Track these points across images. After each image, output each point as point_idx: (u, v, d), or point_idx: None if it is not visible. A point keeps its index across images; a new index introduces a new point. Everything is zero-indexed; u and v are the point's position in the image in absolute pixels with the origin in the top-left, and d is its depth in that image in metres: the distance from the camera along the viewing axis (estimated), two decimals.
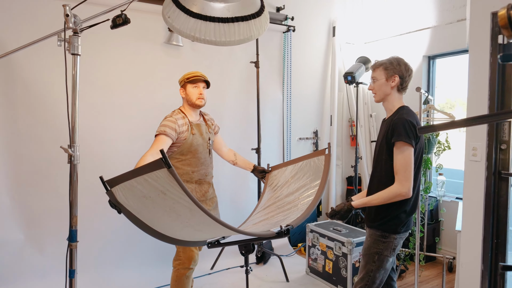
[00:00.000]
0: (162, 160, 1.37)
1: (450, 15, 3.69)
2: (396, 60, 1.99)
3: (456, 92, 4.30)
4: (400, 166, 1.84)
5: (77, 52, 1.63)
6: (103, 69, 3.15)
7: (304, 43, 4.37)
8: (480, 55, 2.27)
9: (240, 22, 1.63)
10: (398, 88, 1.98)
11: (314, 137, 4.52)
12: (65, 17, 1.56)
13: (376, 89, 2.01)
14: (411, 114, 1.91)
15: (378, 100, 2.04)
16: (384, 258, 1.96)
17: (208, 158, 2.48)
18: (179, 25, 1.60)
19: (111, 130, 3.19)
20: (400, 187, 1.83)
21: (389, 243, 1.95)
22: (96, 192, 2.81)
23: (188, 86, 2.42)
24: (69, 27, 1.58)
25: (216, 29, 1.60)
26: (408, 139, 1.82)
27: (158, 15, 3.35)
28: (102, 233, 3.16)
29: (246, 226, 2.59)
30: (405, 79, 1.98)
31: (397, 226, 1.94)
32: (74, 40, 1.62)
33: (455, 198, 3.76)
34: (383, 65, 1.99)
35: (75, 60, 1.64)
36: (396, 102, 1.99)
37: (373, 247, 1.98)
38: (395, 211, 1.93)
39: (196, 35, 1.59)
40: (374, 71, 2.03)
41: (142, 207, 1.64)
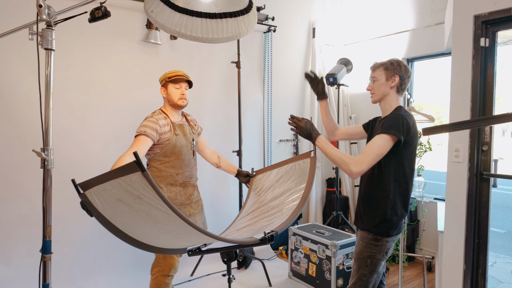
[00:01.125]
0: (136, 163, 1.27)
1: (429, 19, 3.75)
2: (396, 61, 1.99)
3: (426, 95, 4.39)
4: (369, 148, 1.79)
5: (50, 46, 1.51)
6: (76, 68, 2.99)
7: (284, 44, 4.34)
8: (462, 58, 2.30)
9: (229, 19, 1.55)
10: (397, 89, 1.97)
11: (294, 139, 4.50)
12: (37, 8, 1.43)
13: (375, 89, 1.99)
14: (408, 114, 1.91)
15: (376, 100, 2.01)
16: (377, 262, 1.92)
17: (193, 159, 2.40)
18: (163, 20, 1.50)
19: (85, 132, 3.04)
20: (355, 164, 1.75)
21: (382, 246, 1.91)
22: (70, 198, 2.67)
23: (169, 86, 2.32)
24: (42, 19, 1.45)
25: (203, 25, 1.52)
26: (398, 133, 1.78)
27: (136, 11, 3.23)
28: (75, 242, 2.99)
29: (229, 232, 2.52)
30: (404, 80, 1.97)
31: (389, 229, 1.91)
32: (47, 34, 1.50)
33: (433, 198, 3.82)
34: (384, 65, 1.98)
35: (49, 56, 1.51)
36: (393, 103, 1.97)
37: (365, 251, 1.94)
38: (387, 214, 1.90)
39: (182, 31, 1.50)
40: (374, 71, 2.02)
41: (118, 212, 1.54)
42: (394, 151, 1.85)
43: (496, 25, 2.22)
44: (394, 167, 1.88)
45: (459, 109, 2.33)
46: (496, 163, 2.49)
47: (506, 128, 17.79)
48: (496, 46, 2.25)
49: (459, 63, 2.32)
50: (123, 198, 1.45)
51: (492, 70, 2.25)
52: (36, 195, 2.77)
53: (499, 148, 12.33)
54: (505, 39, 2.34)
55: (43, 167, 1.52)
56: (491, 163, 2.30)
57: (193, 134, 2.44)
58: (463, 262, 2.37)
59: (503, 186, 9.38)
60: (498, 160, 9.18)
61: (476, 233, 2.33)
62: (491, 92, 2.25)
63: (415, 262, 3.82)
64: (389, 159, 1.86)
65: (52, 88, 1.54)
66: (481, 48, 2.22)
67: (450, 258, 2.44)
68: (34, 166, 2.74)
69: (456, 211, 2.39)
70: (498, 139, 11.92)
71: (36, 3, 1.43)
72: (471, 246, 2.34)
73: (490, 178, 2.31)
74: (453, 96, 2.37)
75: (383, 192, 1.91)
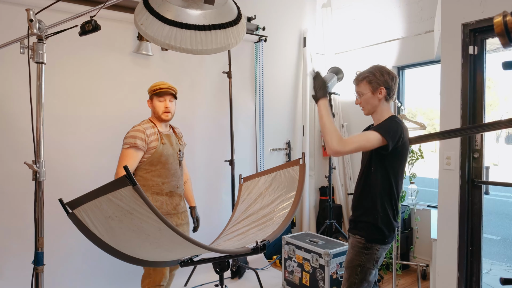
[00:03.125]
0: (126, 177, 1.26)
1: (418, 27, 3.79)
2: (378, 70, 1.91)
3: (417, 102, 4.42)
4: (359, 136, 1.78)
5: (41, 60, 1.51)
6: (68, 80, 2.96)
7: (275, 53, 4.36)
8: (451, 66, 2.31)
9: (218, 30, 1.55)
10: (386, 98, 1.92)
11: (287, 148, 4.49)
12: (28, 23, 1.43)
13: (363, 103, 1.94)
14: (401, 123, 1.89)
15: (367, 113, 1.97)
16: (367, 271, 1.90)
17: (179, 169, 2.39)
18: (152, 33, 1.50)
19: (77, 143, 3.00)
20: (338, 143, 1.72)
21: (372, 254, 1.89)
22: (62, 210, 2.60)
23: (154, 99, 2.33)
24: (33, 33, 1.45)
25: (192, 37, 1.52)
26: (387, 137, 1.75)
27: (127, 24, 3.23)
28: (68, 253, 2.94)
29: (219, 242, 2.48)
30: (391, 88, 1.90)
31: (380, 237, 1.89)
32: (38, 48, 1.50)
33: (427, 206, 3.82)
34: (366, 78, 1.91)
35: (40, 69, 1.51)
36: (385, 113, 1.93)
37: (355, 259, 1.92)
38: (377, 222, 1.88)
39: (171, 43, 1.50)
40: (358, 85, 1.95)
41: (109, 229, 1.52)
42: (382, 159, 1.84)
43: (485, 33, 2.24)
44: (382, 176, 1.87)
45: (449, 117, 2.34)
46: (488, 170, 2.50)
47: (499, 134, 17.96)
48: (485, 53, 2.27)
49: (448, 71, 2.34)
50: (113, 214, 1.43)
51: (482, 78, 2.27)
52: (28, 206, 2.73)
53: (492, 155, 12.38)
54: (494, 47, 2.37)
55: (35, 179, 1.51)
56: (483, 170, 2.31)
57: (180, 145, 2.44)
58: (457, 270, 2.36)
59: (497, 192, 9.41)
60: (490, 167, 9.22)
61: (469, 241, 2.33)
62: (481, 99, 2.26)
63: (409, 270, 3.80)
64: (379, 167, 1.85)
65: (43, 100, 1.54)
66: (470, 56, 2.24)
67: (444, 266, 2.43)
68: (25, 178, 2.69)
69: (448, 219, 2.39)
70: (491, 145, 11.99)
71: (27, 18, 1.43)
72: (464, 254, 2.33)
73: (482, 185, 2.32)
74: (443, 104, 2.38)
75: (373, 200, 1.90)
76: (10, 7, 2.69)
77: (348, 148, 1.73)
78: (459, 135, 2.00)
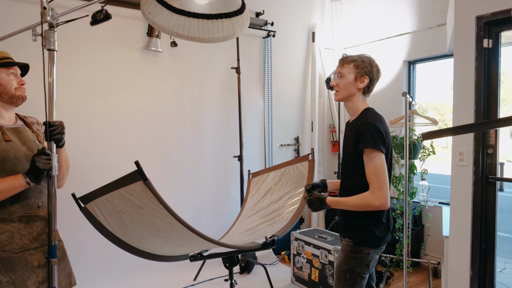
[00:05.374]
0: (137, 172, 1.26)
1: (430, 20, 3.73)
2: (368, 59, 1.80)
3: (428, 97, 4.34)
4: (371, 174, 1.66)
5: (53, 47, 1.51)
6: (78, 75, 2.98)
7: (284, 48, 4.33)
8: (465, 60, 2.27)
9: (224, 19, 1.59)
10: (364, 90, 1.81)
11: (295, 144, 4.47)
12: (42, 10, 1.45)
13: (340, 86, 1.80)
14: (376, 118, 1.75)
15: (339, 99, 1.84)
16: (357, 276, 1.77)
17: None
18: (161, 21, 1.52)
19: (86, 138, 3.03)
20: (373, 198, 1.64)
21: (361, 259, 1.76)
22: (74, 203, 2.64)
23: None
24: (46, 20, 1.46)
25: (200, 26, 1.55)
26: (376, 145, 1.65)
27: (136, 20, 3.24)
28: (80, 245, 2.96)
29: (229, 237, 2.49)
30: (373, 82, 1.80)
31: (370, 238, 1.77)
32: (50, 35, 1.50)
33: (438, 203, 3.77)
34: (355, 62, 1.78)
35: (52, 56, 1.51)
36: (360, 104, 1.82)
37: (344, 263, 1.79)
38: (366, 224, 1.77)
39: (179, 31, 1.53)
40: (342, 66, 1.81)
41: (120, 223, 1.53)
42: None
43: (499, 26, 2.19)
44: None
45: (462, 112, 2.29)
46: (502, 166, 2.43)
47: None
48: (500, 47, 2.22)
49: (461, 65, 2.29)
50: (125, 209, 1.44)
51: (496, 71, 2.21)
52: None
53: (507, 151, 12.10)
54: (510, 40, 2.31)
55: (47, 173, 1.50)
56: (497, 167, 2.26)
57: (39, 142, 1.72)
58: (470, 268, 2.33)
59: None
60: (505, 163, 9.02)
61: (482, 238, 2.29)
62: (496, 93, 2.22)
63: (420, 267, 3.76)
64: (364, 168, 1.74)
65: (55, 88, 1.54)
66: (484, 49, 2.19)
67: (456, 263, 2.40)
68: None
69: (461, 216, 2.35)
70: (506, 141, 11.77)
71: (40, 5, 1.45)
72: (477, 252, 2.29)
73: (496, 182, 2.27)
74: (456, 99, 2.34)
75: None
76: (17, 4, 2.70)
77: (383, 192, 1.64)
78: (473, 131, 1.96)
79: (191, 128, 3.62)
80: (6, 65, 1.64)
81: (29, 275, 1.52)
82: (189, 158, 3.60)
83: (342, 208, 1.78)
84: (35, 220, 1.60)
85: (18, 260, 1.51)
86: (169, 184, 3.46)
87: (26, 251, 1.54)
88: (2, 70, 1.63)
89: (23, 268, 1.52)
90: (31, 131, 1.72)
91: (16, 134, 1.62)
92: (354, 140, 1.74)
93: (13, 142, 1.58)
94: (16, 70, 1.69)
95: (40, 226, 1.61)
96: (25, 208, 1.57)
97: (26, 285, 1.51)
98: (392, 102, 4.01)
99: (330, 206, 1.78)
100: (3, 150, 1.52)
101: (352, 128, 1.79)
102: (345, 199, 1.76)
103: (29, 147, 1.63)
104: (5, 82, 1.63)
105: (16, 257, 1.51)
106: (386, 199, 1.65)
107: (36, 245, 1.58)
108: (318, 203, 1.79)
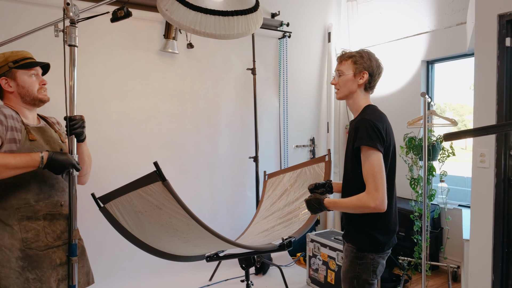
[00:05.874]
0: (156, 173, 1.28)
1: (449, 19, 3.65)
2: (367, 54, 1.73)
3: (446, 97, 4.24)
4: (367, 174, 1.58)
5: (74, 43, 1.56)
6: (96, 77, 3.05)
7: (299, 49, 4.31)
8: (486, 59, 2.21)
9: (239, 16, 1.62)
10: (366, 87, 1.73)
11: (311, 145, 4.44)
12: (65, 6, 1.50)
13: (340, 84, 1.75)
14: (376, 114, 1.67)
15: (340, 97, 1.78)
16: (364, 283, 1.70)
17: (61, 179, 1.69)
18: (178, 18, 1.55)
19: (104, 139, 3.08)
20: (368, 198, 1.55)
21: (366, 264, 1.68)
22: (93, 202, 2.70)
23: (19, 74, 1.63)
24: (69, 16, 1.51)
25: (216, 22, 1.59)
26: (371, 142, 1.56)
27: (153, 22, 3.28)
28: (100, 244, 3.01)
29: (245, 237, 2.50)
30: (374, 77, 1.73)
31: (372, 243, 1.69)
32: (71, 31, 1.55)
33: (458, 205, 3.69)
34: (353, 58, 1.72)
35: (73, 52, 1.56)
36: (362, 101, 1.74)
37: (350, 270, 1.72)
38: (368, 227, 1.69)
39: (196, 28, 1.57)
40: (340, 63, 1.77)
41: (138, 223, 1.55)
42: None
43: None
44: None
45: (483, 113, 2.24)
46: None
47: None
48: None
49: (483, 64, 2.24)
50: (143, 209, 1.46)
51: None
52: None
53: None
54: None
55: (68, 173, 1.54)
56: None
57: (61, 142, 1.75)
58: (491, 272, 2.27)
59: None
60: None
61: (505, 242, 2.23)
62: None
63: (439, 271, 3.69)
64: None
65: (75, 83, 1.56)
66: (506, 48, 2.13)
67: (477, 267, 2.34)
68: None
69: (482, 219, 2.29)
70: None
71: (63, 1, 1.50)
72: (499, 256, 2.23)
73: None
74: (477, 99, 2.28)
75: None
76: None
77: (379, 193, 1.55)
78: (495, 132, 1.91)
79: (207, 129, 3.64)
80: (27, 66, 1.63)
81: (51, 273, 1.57)
82: (205, 159, 3.63)
83: (339, 209, 1.75)
84: (58, 219, 1.63)
85: (43, 258, 1.55)
86: (185, 184, 3.49)
87: (50, 249, 1.58)
88: (24, 72, 1.63)
89: (48, 266, 1.56)
90: (54, 130, 1.75)
91: (40, 133, 1.64)
92: (353, 138, 1.66)
93: (37, 142, 1.59)
94: (38, 71, 1.70)
95: (63, 225, 1.64)
96: (49, 206, 1.60)
97: (50, 282, 1.55)
98: (409, 102, 3.95)
99: (328, 208, 1.71)
100: (27, 150, 1.54)
101: (353, 127, 1.71)
102: (341, 200, 1.69)
103: (53, 146, 1.65)
104: (27, 84, 1.63)
105: (41, 254, 1.55)
106: (382, 200, 1.55)
107: (59, 243, 1.61)
108: (316, 204, 1.72)
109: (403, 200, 3.87)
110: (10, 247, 1.49)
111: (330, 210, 1.73)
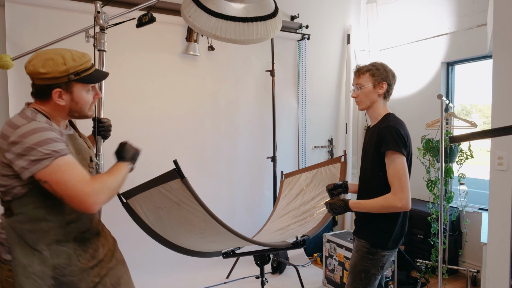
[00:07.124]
0: (176, 170, 1.35)
1: (470, 21, 3.61)
2: (381, 65, 1.89)
3: (472, 98, 4.17)
4: (393, 176, 1.72)
5: (103, 48, 1.68)
6: (122, 79, 3.18)
7: (318, 51, 4.34)
8: (504, 60, 2.20)
9: (259, 22, 1.69)
10: (385, 95, 1.89)
11: (329, 145, 4.46)
12: (96, 14, 1.62)
13: (361, 96, 1.89)
14: (398, 122, 1.82)
15: (363, 108, 1.93)
16: (372, 276, 1.83)
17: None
18: (200, 24, 1.64)
19: (127, 138, 3.10)
20: (395, 199, 1.69)
21: (377, 260, 1.82)
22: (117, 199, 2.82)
23: (77, 88, 1.35)
24: (99, 23, 1.62)
25: (236, 28, 1.66)
26: (398, 148, 1.71)
27: (176, 25, 3.39)
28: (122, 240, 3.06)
29: (261, 235, 2.55)
30: (391, 86, 1.89)
31: (386, 241, 1.81)
32: (100, 37, 1.67)
33: (478, 208, 3.63)
34: (370, 71, 1.87)
35: (102, 56, 1.67)
36: (381, 110, 1.90)
37: (359, 264, 1.85)
38: (384, 226, 1.81)
39: (217, 33, 1.65)
40: (358, 77, 1.91)
41: (158, 218, 1.63)
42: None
43: None
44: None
45: (501, 114, 2.22)
46: None
47: None
48: None
49: (500, 66, 2.22)
50: (163, 205, 1.53)
51: None
52: None
53: None
54: None
55: (95, 171, 1.64)
56: None
57: (90, 149, 1.57)
58: (510, 277, 2.24)
59: None
60: None
61: None
62: None
63: (458, 275, 3.63)
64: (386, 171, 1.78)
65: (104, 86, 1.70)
66: None
67: (495, 272, 2.32)
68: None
69: (500, 222, 2.27)
70: None
71: (94, 10, 1.62)
72: None
73: None
74: (495, 101, 2.27)
75: None
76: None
77: (404, 194, 1.69)
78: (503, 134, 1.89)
79: (227, 129, 3.72)
80: (91, 81, 1.38)
81: None
82: (224, 158, 3.71)
83: (363, 210, 1.83)
84: (89, 238, 1.45)
85: (79, 283, 1.35)
86: (204, 182, 3.58)
87: (84, 271, 1.38)
88: (83, 86, 1.36)
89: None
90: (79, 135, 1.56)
91: (71, 141, 1.44)
92: (376, 143, 1.80)
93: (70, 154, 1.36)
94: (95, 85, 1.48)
95: (96, 243, 1.47)
96: (79, 227, 1.41)
97: None
98: (429, 104, 3.91)
99: (352, 209, 1.83)
100: None
101: (373, 132, 1.86)
102: (367, 201, 1.80)
103: (84, 156, 1.48)
104: (83, 101, 1.38)
105: (76, 280, 1.34)
106: (408, 200, 1.69)
107: (93, 263, 1.42)
108: (341, 206, 1.84)
109: (421, 202, 3.83)
110: (41, 274, 1.27)
111: (353, 211, 1.86)
